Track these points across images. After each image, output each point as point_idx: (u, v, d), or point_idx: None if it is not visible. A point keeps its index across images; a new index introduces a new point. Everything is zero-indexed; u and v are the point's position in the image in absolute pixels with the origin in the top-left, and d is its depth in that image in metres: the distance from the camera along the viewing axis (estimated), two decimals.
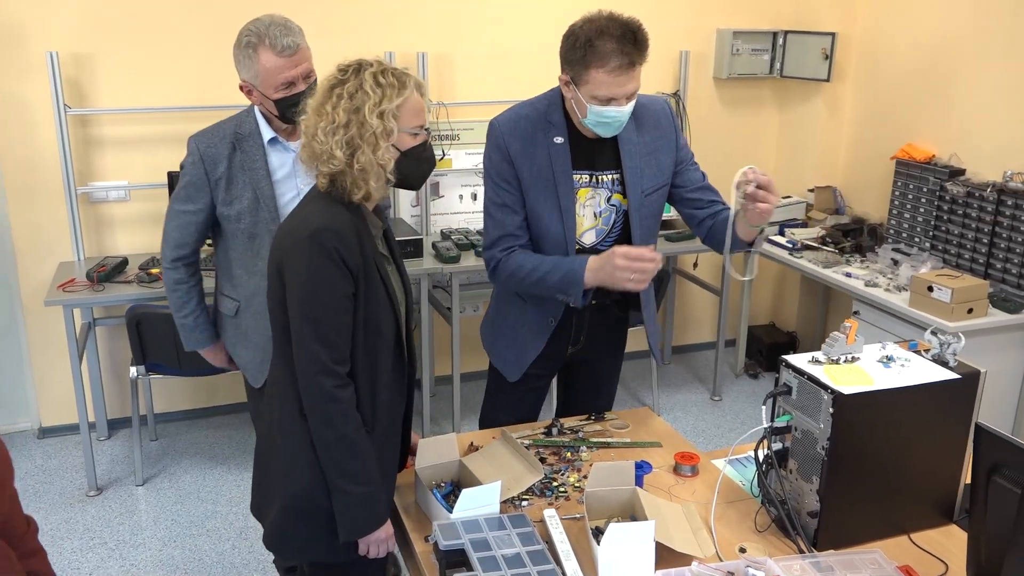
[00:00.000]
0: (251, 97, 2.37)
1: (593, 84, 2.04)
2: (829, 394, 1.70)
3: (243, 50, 2.32)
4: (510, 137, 2.16)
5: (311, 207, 1.79)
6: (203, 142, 2.40)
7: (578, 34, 2.03)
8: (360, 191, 1.75)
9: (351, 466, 1.74)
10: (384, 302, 1.80)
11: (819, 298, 4.75)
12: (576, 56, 2.03)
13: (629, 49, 2.00)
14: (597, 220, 2.23)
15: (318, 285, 1.70)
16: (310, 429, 1.74)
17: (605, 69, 2.01)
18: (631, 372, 4.70)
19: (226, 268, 2.52)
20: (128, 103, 3.71)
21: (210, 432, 4.03)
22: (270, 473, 1.85)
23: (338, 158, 1.71)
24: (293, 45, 2.29)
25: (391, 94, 1.73)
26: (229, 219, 2.41)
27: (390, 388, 1.85)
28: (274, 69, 2.28)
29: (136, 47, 3.68)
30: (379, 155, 1.73)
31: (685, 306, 4.96)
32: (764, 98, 4.78)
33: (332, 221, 1.72)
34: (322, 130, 1.72)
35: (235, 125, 2.41)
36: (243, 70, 2.34)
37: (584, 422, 2.33)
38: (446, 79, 4.13)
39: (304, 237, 1.71)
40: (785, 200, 4.50)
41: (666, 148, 2.26)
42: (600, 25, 2.01)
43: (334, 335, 1.71)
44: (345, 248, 1.71)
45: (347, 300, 1.73)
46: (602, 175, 2.21)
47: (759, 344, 4.76)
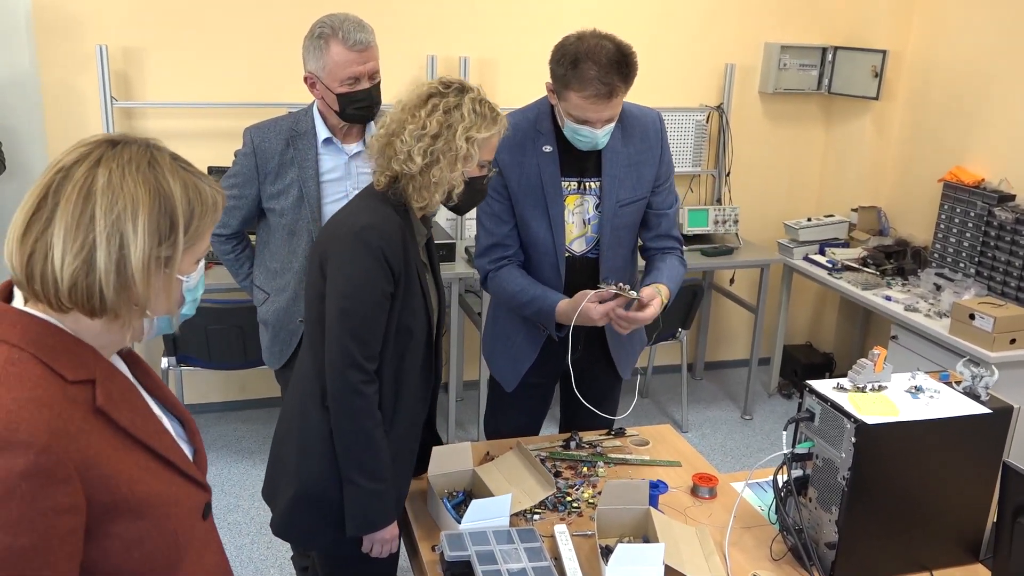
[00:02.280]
0: (314, 91, 2.38)
1: (570, 104, 2.04)
2: (852, 423, 1.66)
3: (314, 40, 2.32)
4: (500, 146, 2.15)
5: (363, 204, 1.82)
6: (258, 135, 2.41)
7: (566, 51, 2.01)
8: (423, 200, 1.78)
9: (366, 460, 1.76)
10: (420, 309, 1.82)
11: (858, 320, 4.65)
12: (559, 72, 2.02)
13: (610, 79, 1.97)
14: (586, 228, 2.23)
15: (359, 280, 1.72)
16: (331, 420, 1.76)
17: (582, 95, 2.00)
18: (661, 386, 4.65)
19: (263, 259, 2.54)
20: (172, 97, 3.78)
21: (239, 426, 4.08)
22: (285, 460, 1.87)
23: (416, 163, 1.73)
24: (365, 41, 2.31)
25: (482, 125, 1.77)
26: (273, 212, 2.43)
27: (414, 392, 1.86)
28: (343, 63, 2.29)
29: (183, 43, 3.74)
30: (453, 175, 1.77)
31: (720, 322, 4.90)
32: (811, 114, 4.70)
33: (381, 221, 1.75)
34: (410, 132, 1.74)
35: (292, 122, 2.43)
36: (311, 61, 2.34)
37: (603, 437, 2.30)
38: (488, 84, 4.13)
39: (351, 232, 1.74)
40: (827, 219, 4.42)
41: (650, 162, 2.24)
42: (589, 47, 1.98)
43: (367, 332, 1.73)
44: (390, 249, 1.73)
45: (385, 299, 1.74)
46: (589, 182, 2.21)
47: (794, 364, 4.68)
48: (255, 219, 2.51)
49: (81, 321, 1.10)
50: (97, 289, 1.06)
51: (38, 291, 1.07)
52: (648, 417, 4.35)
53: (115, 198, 1.07)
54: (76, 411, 1.07)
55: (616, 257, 2.26)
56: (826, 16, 4.52)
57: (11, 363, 1.05)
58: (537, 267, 2.23)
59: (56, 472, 1.01)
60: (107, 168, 1.08)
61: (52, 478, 1.01)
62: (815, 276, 4.16)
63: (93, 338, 1.12)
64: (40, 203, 1.07)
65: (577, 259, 2.24)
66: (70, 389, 1.07)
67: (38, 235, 1.06)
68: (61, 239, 1.05)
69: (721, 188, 4.58)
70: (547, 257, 2.21)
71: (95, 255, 1.06)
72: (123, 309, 1.09)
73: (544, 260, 2.21)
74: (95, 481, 1.06)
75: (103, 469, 1.07)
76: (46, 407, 1.03)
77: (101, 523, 1.07)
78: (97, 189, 1.06)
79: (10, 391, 1.02)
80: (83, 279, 1.06)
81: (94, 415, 1.09)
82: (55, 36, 3.60)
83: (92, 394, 1.09)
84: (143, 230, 1.07)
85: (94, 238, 1.06)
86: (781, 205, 4.72)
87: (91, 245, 1.06)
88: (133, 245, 1.07)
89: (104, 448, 1.08)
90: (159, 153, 1.13)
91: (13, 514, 0.99)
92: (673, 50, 4.34)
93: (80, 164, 1.08)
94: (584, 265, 2.24)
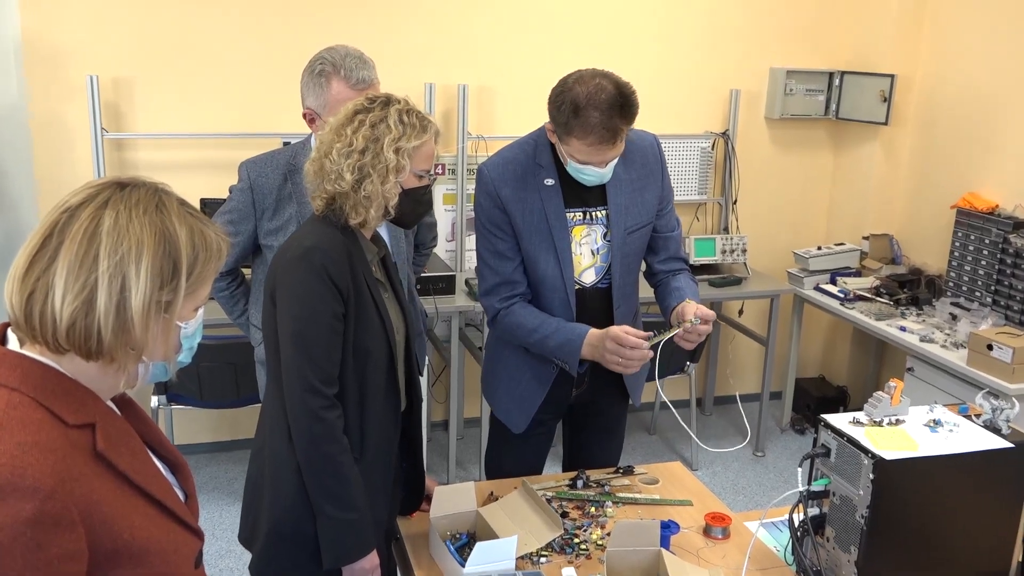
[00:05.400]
0: (312, 126, 2.39)
1: (573, 149, 2.06)
2: (870, 459, 1.66)
3: (314, 77, 2.34)
4: (500, 183, 2.18)
5: (306, 229, 1.86)
6: (255, 170, 2.42)
7: (566, 96, 2.01)
8: (359, 216, 1.81)
9: (335, 489, 1.77)
10: (376, 327, 1.83)
11: (872, 352, 4.65)
12: (561, 119, 2.03)
13: (614, 123, 1.99)
14: (595, 258, 2.24)
15: (307, 302, 1.75)
16: (295, 450, 1.77)
17: (585, 142, 2.02)
18: (669, 422, 4.64)
19: (259, 296, 2.54)
20: (164, 128, 3.81)
21: (230, 467, 4.06)
22: (259, 500, 1.88)
23: (346, 180, 1.77)
24: (368, 79, 2.33)
25: (411, 134, 1.81)
26: (271, 248, 2.44)
27: (381, 416, 1.87)
28: (344, 100, 2.23)
29: (175, 73, 3.78)
30: (386, 188, 1.80)
31: (729, 355, 4.90)
32: (818, 140, 4.74)
33: (322, 241, 1.78)
34: (337, 150, 1.78)
35: (290, 156, 2.44)
36: (310, 97, 2.36)
37: (611, 475, 2.29)
38: (485, 112, 4.18)
39: (295, 256, 1.78)
40: (838, 247, 4.43)
41: (652, 186, 2.27)
42: (589, 91, 1.98)
43: (322, 354, 1.76)
44: (335, 268, 1.76)
45: (336, 320, 1.77)
46: (595, 211, 2.23)
47: (807, 398, 4.67)
48: (251, 255, 2.53)
49: (77, 364, 1.11)
50: (95, 330, 1.08)
51: (36, 330, 1.08)
52: (657, 454, 4.34)
53: (120, 240, 1.09)
54: (78, 456, 1.07)
55: (626, 285, 2.28)
56: (832, 40, 4.58)
57: (12, 407, 1.05)
58: (546, 303, 2.24)
59: (62, 518, 1.02)
60: (114, 210, 1.10)
61: (58, 524, 1.02)
62: (827, 306, 4.17)
63: (88, 382, 1.13)
64: (44, 242, 1.09)
65: (587, 291, 2.25)
66: (71, 433, 1.08)
67: (40, 274, 1.08)
68: (63, 279, 1.07)
69: (728, 216, 4.60)
70: (556, 292, 2.21)
71: (96, 296, 1.07)
72: (119, 352, 1.10)
73: (553, 295, 2.22)
74: (98, 527, 1.06)
75: (105, 515, 1.07)
76: (51, 452, 1.04)
77: (102, 569, 1.07)
78: (103, 230, 1.08)
79: (13, 435, 1.03)
80: (82, 320, 1.07)
81: (94, 460, 1.09)
82: (44, 66, 3.65)
83: (92, 438, 1.10)
84: (146, 273, 1.09)
85: (96, 278, 1.07)
86: (790, 233, 4.75)
87: (92, 285, 1.07)
88: (135, 288, 1.09)
89: (105, 494, 1.08)
90: (167, 197, 1.15)
91: (18, 562, 1.00)
92: (677, 76, 4.39)
93: (87, 205, 1.10)
94: (595, 296, 2.25)
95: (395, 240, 2.43)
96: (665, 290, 2.31)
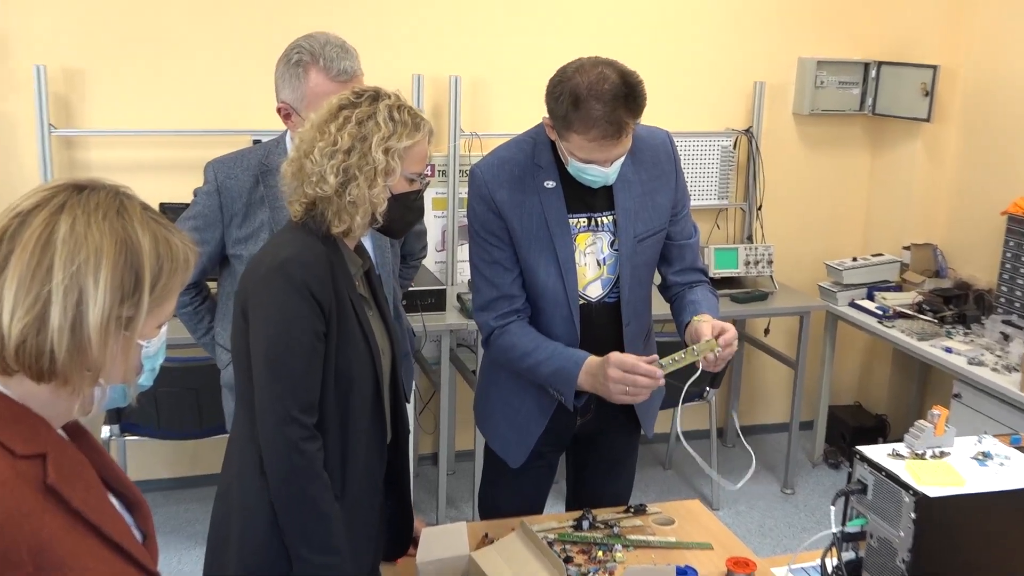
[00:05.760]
0: (288, 122, 2.41)
1: (573, 145, 2.08)
2: (911, 496, 1.67)
3: (290, 68, 2.35)
4: (495, 185, 2.20)
5: (282, 238, 1.87)
6: (223, 171, 2.44)
7: (565, 86, 2.02)
8: (343, 224, 1.82)
9: (313, 530, 1.77)
10: (360, 348, 1.85)
11: (914, 376, 4.67)
12: (559, 111, 2.05)
13: (619, 116, 2.00)
14: (601, 269, 2.26)
15: (284, 321, 1.76)
16: (270, 487, 1.78)
17: (586, 137, 2.03)
18: (686, 455, 4.63)
19: (227, 313, 2.54)
20: (120, 124, 3.84)
21: (191, 506, 4.06)
22: (226, 542, 1.88)
23: (329, 184, 1.78)
24: (350, 70, 2.34)
25: (402, 132, 1.83)
26: (240, 259, 2.45)
27: (366, 449, 1.88)
28: (324, 94, 2.24)
29: (132, 63, 3.81)
30: (373, 192, 1.81)
31: (754, 380, 4.91)
32: (853, 138, 4.78)
33: (302, 252, 1.79)
34: (320, 150, 1.80)
35: (262, 155, 2.45)
36: (286, 90, 2.37)
37: (620, 515, 2.31)
38: (480, 107, 4.21)
39: (271, 268, 1.78)
40: (875, 258, 4.46)
41: (664, 188, 2.29)
42: (591, 80, 2.00)
43: (301, 380, 1.76)
44: (316, 282, 1.77)
45: (317, 340, 1.78)
46: (601, 216, 2.24)
47: (842, 428, 4.69)
48: (217, 266, 2.54)
49: (27, 387, 1.12)
50: (48, 349, 1.09)
51: None
52: (673, 491, 4.34)
53: (77, 248, 1.10)
54: (27, 489, 1.08)
55: (637, 299, 2.29)
56: (868, 28, 4.62)
57: None
58: (547, 320, 2.25)
59: (8, 556, 1.03)
60: (71, 215, 1.11)
61: (4, 562, 1.03)
62: (863, 325, 4.19)
63: (39, 407, 1.14)
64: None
65: (593, 306, 2.26)
66: (20, 464, 1.09)
67: None
68: (12, 291, 1.08)
69: (752, 224, 4.63)
70: (558, 308, 2.23)
71: (49, 311, 1.08)
72: (74, 374, 1.11)
73: (555, 311, 2.23)
74: (47, 568, 1.07)
75: (56, 554, 1.08)
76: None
77: None
78: (58, 238, 1.09)
79: None
80: (33, 337, 1.08)
81: (45, 494, 1.10)
82: None
83: (43, 470, 1.11)
84: (105, 285, 1.10)
85: (49, 291, 1.08)
86: (822, 243, 4.78)
87: (45, 299, 1.08)
88: (92, 302, 1.10)
89: (57, 532, 1.09)
90: (129, 201, 1.17)
91: None
92: (694, 67, 4.43)
93: (40, 209, 1.11)
94: (602, 312, 2.27)
95: (379, 250, 2.45)
96: (680, 305, 2.32)
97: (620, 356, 2.08)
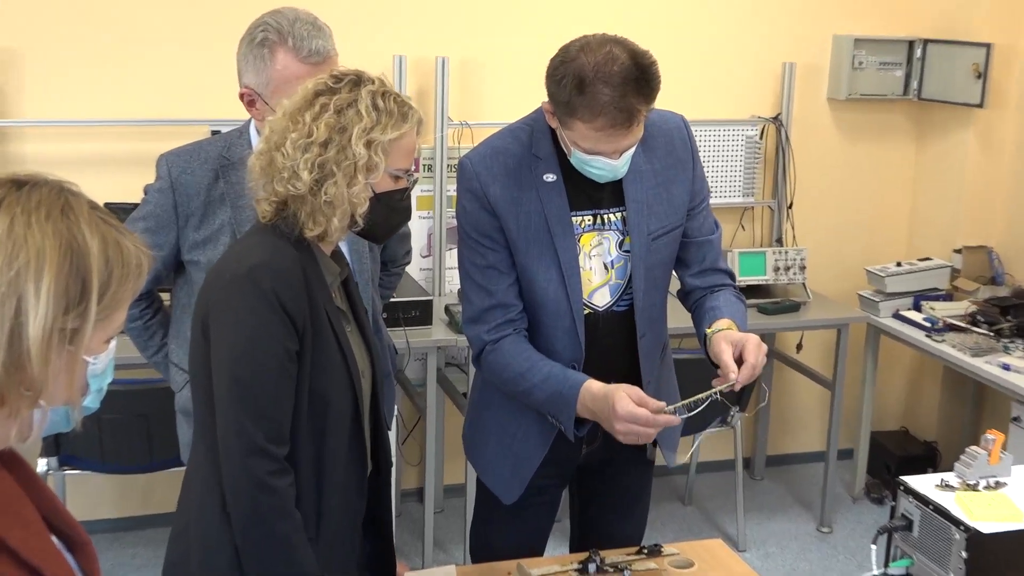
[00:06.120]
0: (251, 109, 2.41)
1: (577, 135, 2.07)
2: (962, 532, 1.67)
3: (254, 48, 2.34)
4: (488, 179, 2.19)
5: (249, 241, 1.87)
6: (178, 165, 2.43)
7: (568, 67, 2.01)
8: (318, 227, 1.81)
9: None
10: (338, 369, 1.84)
11: (968, 397, 4.66)
12: (561, 96, 2.03)
13: (629, 102, 1.99)
14: (609, 273, 2.25)
15: (250, 337, 1.75)
16: (234, 528, 1.76)
17: (592, 125, 2.02)
18: (708, 488, 4.64)
19: (182, 328, 2.53)
20: (60, 114, 3.83)
21: (140, 551, 4.04)
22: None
23: (303, 180, 1.77)
24: (322, 51, 2.33)
25: (387, 123, 1.81)
26: (197, 266, 2.45)
27: (344, 484, 1.88)
28: (292, 78, 2.26)
29: (75, 45, 3.80)
30: (353, 191, 1.80)
31: (785, 402, 4.91)
32: (896, 127, 4.78)
33: (271, 258, 1.78)
34: (292, 142, 1.79)
35: (222, 147, 2.45)
36: (249, 73, 2.36)
37: (632, 557, 2.30)
38: (471, 92, 4.21)
39: (236, 276, 1.77)
40: (922, 263, 4.46)
41: (680, 178, 2.28)
42: (598, 61, 1.99)
43: (269, 404, 1.75)
44: (288, 292, 1.76)
45: (288, 359, 1.77)
46: (608, 213, 2.24)
47: (886, 457, 4.68)
48: (171, 274, 2.54)
49: None
50: None
51: None
52: (692, 530, 4.34)
53: (16, 251, 1.09)
54: None
55: (651, 307, 2.28)
56: (913, 1, 4.63)
57: None
58: (547, 333, 2.25)
59: None
60: (9, 214, 1.11)
61: None
62: (909, 339, 4.19)
63: None
64: None
65: (601, 316, 2.25)
66: None
67: None
68: None
69: (782, 224, 4.64)
70: (560, 319, 2.22)
71: None
72: (12, 394, 1.10)
73: (556, 323, 2.23)
74: None
75: None
76: None
77: None
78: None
79: None
80: None
81: None
82: None
83: None
84: (48, 293, 1.10)
85: None
86: (861, 246, 4.78)
87: None
88: (33, 312, 1.09)
89: None
90: (75, 200, 1.16)
91: None
92: (714, 46, 4.44)
93: None
94: (611, 323, 2.26)
95: (356, 255, 2.45)
96: (700, 314, 2.31)
97: (629, 407, 2.01)
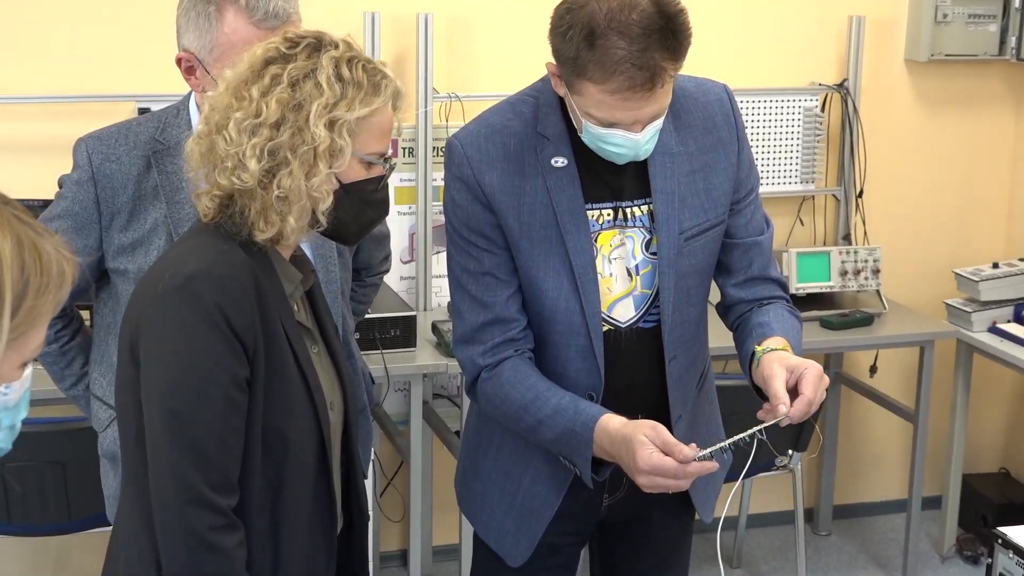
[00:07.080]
0: (190, 79, 2.42)
1: (588, 101, 2.03)
2: None
3: (198, 4, 2.36)
4: (482, 164, 2.19)
5: (187, 245, 1.88)
6: (99, 151, 2.45)
7: (576, 15, 1.96)
8: (270, 228, 1.81)
9: None
10: (300, 400, 1.85)
11: None
12: (568, 52, 1.99)
13: (650, 58, 1.94)
14: (634, 280, 2.25)
15: (188, 362, 1.75)
16: None
17: (606, 87, 1.97)
18: (763, 544, 4.64)
19: (106, 353, 2.54)
20: None
21: None
22: None
23: (250, 171, 1.77)
24: (282, 14, 2.34)
25: (355, 97, 1.81)
26: (125, 276, 2.46)
27: (308, 543, 1.88)
28: (243, 44, 2.24)
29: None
30: (313, 183, 1.80)
31: (857, 438, 4.91)
32: (990, 94, 4.79)
33: (215, 265, 1.78)
34: (236, 123, 1.79)
35: (155, 130, 2.47)
36: (190, 34, 2.38)
37: None
38: (461, 58, 4.23)
39: (172, 287, 1.77)
40: (1021, 264, 4.47)
41: (722, 163, 2.27)
42: (611, 8, 1.94)
43: (212, 444, 1.76)
44: (234, 306, 1.76)
45: (236, 389, 1.77)
46: (632, 207, 2.24)
47: (982, 505, 4.68)
48: (93, 287, 2.56)
49: None
50: None
51: None
52: None
53: None
54: None
55: (684, 323, 2.28)
56: None
57: None
58: (557, 354, 2.25)
59: None
60: None
61: None
62: (1009, 359, 4.19)
63: None
64: None
65: (623, 333, 2.26)
66: None
67: None
68: None
69: (850, 218, 4.65)
70: (573, 337, 2.22)
71: None
72: None
73: (567, 342, 2.23)
74: None
75: None
76: None
77: None
78: None
79: None
80: None
81: None
82: None
83: None
84: None
85: None
86: (949, 244, 4.79)
87: None
88: None
89: None
90: None
91: None
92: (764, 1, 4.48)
93: None
94: (635, 342, 2.26)
95: (322, 262, 2.47)
96: (744, 332, 2.30)
97: (652, 459, 1.99)
